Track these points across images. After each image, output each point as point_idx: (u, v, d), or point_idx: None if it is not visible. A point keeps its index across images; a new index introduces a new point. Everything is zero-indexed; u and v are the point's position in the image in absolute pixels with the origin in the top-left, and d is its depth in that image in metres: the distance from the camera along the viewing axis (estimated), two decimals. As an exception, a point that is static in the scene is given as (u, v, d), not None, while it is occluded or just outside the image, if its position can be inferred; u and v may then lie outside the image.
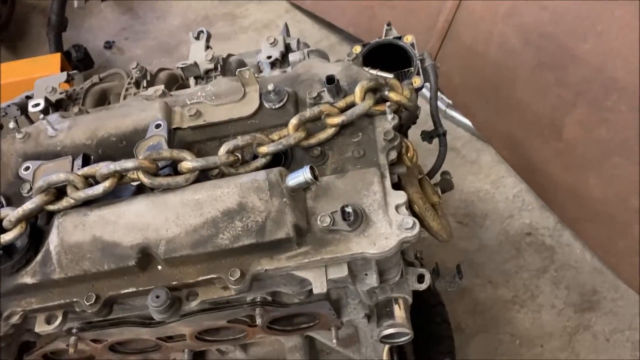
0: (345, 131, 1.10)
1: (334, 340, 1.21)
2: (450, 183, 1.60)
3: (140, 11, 3.36)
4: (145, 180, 1.01)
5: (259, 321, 1.08)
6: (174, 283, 1.00)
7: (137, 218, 1.00)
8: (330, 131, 1.08)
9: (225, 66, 1.50)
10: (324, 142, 1.09)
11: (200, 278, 1.00)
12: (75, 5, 2.86)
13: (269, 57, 1.41)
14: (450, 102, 2.55)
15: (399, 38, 1.56)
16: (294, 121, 1.06)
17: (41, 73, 2.74)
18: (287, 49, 1.46)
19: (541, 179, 2.28)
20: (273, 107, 1.12)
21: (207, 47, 1.53)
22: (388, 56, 1.59)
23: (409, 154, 1.28)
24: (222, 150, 1.03)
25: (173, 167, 1.06)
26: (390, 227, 0.97)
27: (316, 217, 0.99)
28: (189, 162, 1.02)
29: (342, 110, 1.08)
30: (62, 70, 2.75)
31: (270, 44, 1.43)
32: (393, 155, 1.07)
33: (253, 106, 1.13)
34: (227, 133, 1.14)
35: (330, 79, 1.10)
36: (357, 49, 1.59)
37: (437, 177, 1.63)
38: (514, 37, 2.07)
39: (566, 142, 2.09)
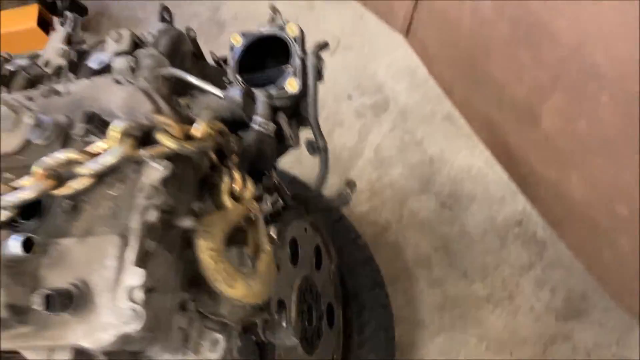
0: (107, 179, 0.92)
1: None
2: (347, 198, 1.37)
3: (141, -50, 3.17)
4: None
5: None
6: None
7: None
8: (84, 181, 0.90)
9: (81, 61, 1.32)
10: (79, 192, 0.91)
11: None
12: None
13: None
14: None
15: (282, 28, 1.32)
16: (36, 168, 0.89)
17: (16, 27, 2.68)
18: (138, 46, 1.25)
19: (522, 170, 1.95)
20: (39, 142, 0.96)
21: (69, 36, 1.34)
22: (277, 45, 1.36)
23: (238, 193, 1.08)
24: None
25: None
26: (112, 315, 0.81)
27: (38, 292, 0.84)
28: None
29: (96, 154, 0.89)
30: (39, 22, 2.67)
31: (115, 41, 1.22)
32: (152, 215, 0.88)
33: (19, 139, 0.97)
34: (-2, 168, 1.00)
35: (90, 117, 0.91)
36: (237, 39, 1.37)
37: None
38: (487, 4, 1.70)
39: (545, 133, 1.74)
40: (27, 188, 0.90)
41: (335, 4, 2.81)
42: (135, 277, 0.83)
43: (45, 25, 2.76)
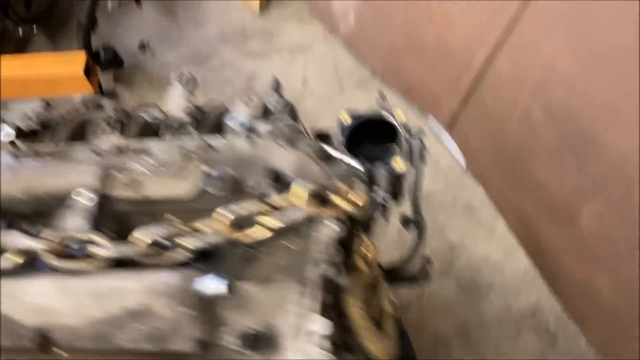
0: (284, 232, 1.00)
1: None
2: (427, 274, 1.48)
3: (179, 16, 3.33)
4: (52, 261, 0.94)
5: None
6: (71, 372, 0.94)
7: (39, 298, 0.94)
8: (265, 232, 0.98)
9: (205, 118, 1.42)
10: (258, 241, 0.99)
11: (96, 373, 0.93)
12: (109, 7, 2.86)
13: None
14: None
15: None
16: (223, 216, 0.96)
17: (63, 69, 2.75)
18: (266, 112, 1.36)
19: (550, 264, 2.11)
20: (216, 193, 1.03)
21: (190, 93, 1.45)
22: (380, 127, 1.49)
23: (368, 257, 1.17)
24: (142, 239, 0.95)
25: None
26: (300, 358, 0.87)
27: (226, 330, 0.90)
28: (101, 250, 0.94)
29: (279, 209, 0.98)
30: (86, 69, 2.73)
31: (246, 105, 1.34)
32: (330, 270, 0.96)
33: (192, 187, 1.04)
34: (164, 210, 1.06)
35: (275, 175, 1.00)
36: (346, 117, 1.50)
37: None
38: (538, 112, 1.91)
39: (580, 233, 1.92)
40: (212, 233, 0.97)
41: (364, 90, 3.01)
42: (320, 325, 0.90)
43: (89, 72, 2.83)
